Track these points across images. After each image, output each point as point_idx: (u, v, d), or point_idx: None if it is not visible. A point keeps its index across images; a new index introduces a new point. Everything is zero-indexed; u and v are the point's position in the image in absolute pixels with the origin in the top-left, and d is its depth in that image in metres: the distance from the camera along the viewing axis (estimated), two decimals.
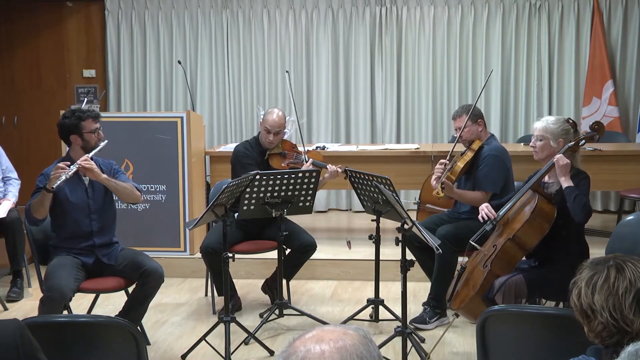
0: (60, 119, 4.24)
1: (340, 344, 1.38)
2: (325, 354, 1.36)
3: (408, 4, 7.57)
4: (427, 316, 4.62)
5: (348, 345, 1.38)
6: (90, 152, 4.18)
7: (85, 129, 4.17)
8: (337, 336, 1.39)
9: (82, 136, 4.18)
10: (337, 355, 1.36)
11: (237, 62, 7.77)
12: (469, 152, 4.66)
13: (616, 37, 7.34)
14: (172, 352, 4.39)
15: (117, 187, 4.21)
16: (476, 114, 4.70)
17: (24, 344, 2.30)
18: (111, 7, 7.89)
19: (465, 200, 4.65)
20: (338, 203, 7.85)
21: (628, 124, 7.35)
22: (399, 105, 7.66)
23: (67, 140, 4.23)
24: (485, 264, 3.92)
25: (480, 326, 2.79)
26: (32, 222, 4.14)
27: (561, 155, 3.84)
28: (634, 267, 1.93)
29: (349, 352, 1.37)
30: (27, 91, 8.15)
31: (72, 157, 4.22)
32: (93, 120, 4.20)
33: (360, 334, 1.42)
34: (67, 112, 4.24)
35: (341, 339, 1.39)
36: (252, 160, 4.93)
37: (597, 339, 1.94)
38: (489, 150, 4.66)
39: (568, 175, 3.82)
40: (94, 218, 4.22)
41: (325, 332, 1.41)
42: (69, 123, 4.17)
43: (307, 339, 1.40)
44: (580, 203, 3.74)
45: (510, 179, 4.71)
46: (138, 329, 3.16)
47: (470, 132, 4.69)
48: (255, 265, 5.68)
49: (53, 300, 3.85)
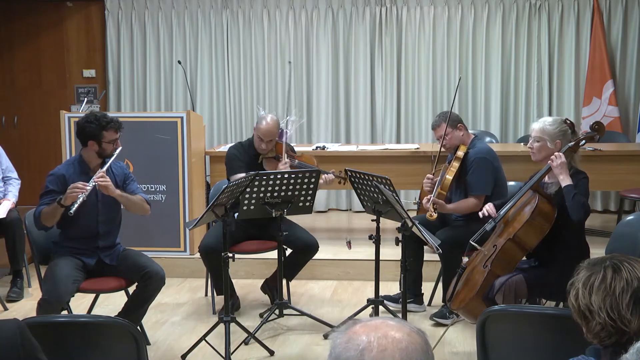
0: (83, 121, 4.15)
1: (404, 345, 1.36)
2: (386, 351, 1.35)
3: (408, 4, 7.57)
4: (447, 311, 4.66)
5: (410, 348, 1.36)
6: (105, 159, 4.16)
7: (106, 139, 4.13)
8: (401, 336, 1.38)
9: (101, 144, 4.13)
10: (398, 355, 1.35)
11: (237, 62, 7.77)
12: (455, 162, 4.67)
13: (616, 37, 7.34)
14: (172, 352, 4.39)
15: (128, 203, 4.20)
16: (454, 119, 4.72)
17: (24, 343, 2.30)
18: (111, 7, 7.89)
19: (461, 211, 4.68)
20: (338, 203, 7.85)
21: (628, 124, 7.35)
22: (399, 105, 7.66)
23: (84, 142, 4.17)
24: (485, 264, 3.92)
25: (480, 326, 2.79)
26: (41, 229, 4.11)
27: (555, 154, 3.84)
28: (631, 267, 1.93)
29: (410, 356, 1.35)
30: (27, 91, 8.15)
31: (84, 158, 4.19)
32: (115, 131, 4.16)
33: (423, 338, 1.41)
34: (91, 117, 4.14)
35: (405, 339, 1.37)
36: (242, 163, 4.95)
37: (595, 340, 1.94)
38: (475, 154, 4.67)
39: (567, 173, 3.82)
40: (101, 221, 4.20)
41: (391, 329, 1.39)
42: (91, 129, 4.11)
43: (370, 329, 1.39)
44: (579, 202, 3.75)
45: (500, 178, 4.72)
46: (138, 329, 3.15)
47: (453, 139, 4.70)
48: (255, 265, 5.68)
49: (50, 303, 3.85)
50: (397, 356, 1.34)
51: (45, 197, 4.08)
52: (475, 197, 4.62)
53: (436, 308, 4.89)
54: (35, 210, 4.08)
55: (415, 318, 4.78)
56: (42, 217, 4.02)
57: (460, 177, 4.68)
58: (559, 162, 3.81)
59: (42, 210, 4.02)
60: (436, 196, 4.56)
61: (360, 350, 1.35)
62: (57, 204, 3.96)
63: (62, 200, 3.95)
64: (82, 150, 4.22)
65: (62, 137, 5.86)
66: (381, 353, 1.34)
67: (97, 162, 4.20)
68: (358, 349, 1.36)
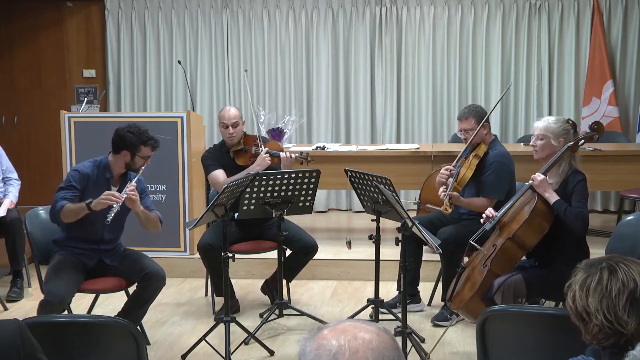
0: (124, 130, 4.11)
1: (374, 345, 1.36)
2: (359, 353, 1.35)
3: (408, 4, 7.57)
4: (448, 313, 4.65)
5: (381, 348, 1.36)
6: (132, 172, 4.14)
7: (141, 153, 4.12)
8: (371, 336, 1.38)
9: (134, 157, 4.12)
10: (371, 356, 1.35)
11: (237, 62, 7.77)
12: (474, 159, 4.64)
13: (616, 37, 7.34)
14: (172, 352, 4.39)
15: (146, 219, 4.18)
16: (482, 116, 4.67)
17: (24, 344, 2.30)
18: (111, 7, 7.89)
19: (472, 208, 4.63)
20: (338, 203, 7.85)
21: (628, 124, 7.35)
22: (399, 105, 7.66)
23: (117, 149, 4.13)
24: (485, 264, 3.93)
25: (480, 326, 2.79)
26: (55, 222, 4.08)
27: (532, 177, 3.87)
28: (627, 268, 1.93)
29: (382, 355, 1.35)
30: (27, 91, 8.16)
31: (111, 164, 4.17)
32: (152, 149, 4.15)
33: (391, 336, 1.41)
34: (134, 129, 4.11)
35: (375, 339, 1.37)
36: (213, 161, 5.03)
37: (594, 341, 1.94)
38: (495, 157, 4.64)
39: (550, 189, 3.85)
40: (108, 229, 4.17)
41: (359, 330, 1.39)
42: (131, 140, 4.08)
43: (339, 333, 1.39)
44: (572, 214, 3.76)
45: (513, 184, 4.71)
46: (138, 329, 3.16)
47: (477, 136, 4.66)
48: (255, 265, 5.68)
49: (52, 304, 3.84)
50: (370, 356, 1.34)
51: (65, 190, 4.04)
52: (488, 199, 4.60)
53: (436, 308, 4.89)
54: (55, 203, 4.01)
55: (415, 318, 4.78)
56: (63, 213, 3.96)
57: (474, 175, 4.66)
58: (539, 182, 3.85)
59: (65, 206, 3.97)
60: (451, 190, 4.54)
61: (333, 355, 1.35)
62: (86, 206, 3.93)
63: (92, 204, 3.92)
64: (111, 155, 4.18)
65: (62, 137, 5.86)
66: (354, 355, 1.34)
67: (121, 171, 4.19)
68: (330, 355, 1.35)
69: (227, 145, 5.08)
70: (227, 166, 5.00)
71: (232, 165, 5.01)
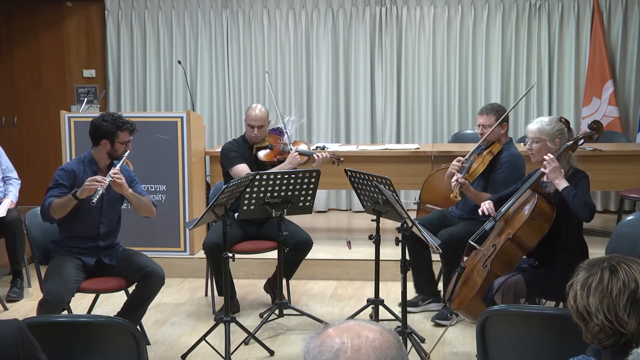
0: (98, 120, 4.17)
1: (377, 343, 1.37)
2: (361, 350, 1.35)
3: (408, 4, 7.57)
4: (448, 312, 4.66)
5: (384, 347, 1.37)
6: (115, 160, 4.17)
7: (119, 139, 4.15)
8: (374, 335, 1.38)
9: (114, 144, 4.15)
10: (373, 354, 1.35)
11: (237, 62, 7.77)
12: (488, 155, 4.67)
13: (616, 37, 7.34)
14: (172, 352, 4.39)
15: (138, 203, 4.20)
16: (502, 115, 4.71)
17: (24, 344, 2.30)
18: (111, 7, 7.89)
19: (479, 201, 4.63)
20: (338, 203, 7.84)
21: (628, 124, 7.35)
22: (399, 105, 7.66)
23: (96, 141, 4.18)
24: (485, 264, 3.92)
25: (480, 326, 2.79)
26: (47, 220, 4.11)
27: (546, 160, 3.82)
28: (628, 268, 1.93)
29: (385, 354, 1.36)
30: (27, 91, 8.15)
31: (95, 157, 4.20)
32: (129, 133, 4.19)
33: (395, 336, 1.41)
34: (108, 116, 4.17)
35: (378, 338, 1.38)
36: (238, 154, 5.04)
37: (594, 341, 1.94)
38: (509, 156, 4.68)
39: (561, 175, 3.80)
40: (103, 222, 4.21)
41: (363, 329, 1.39)
42: (107, 128, 4.12)
43: (342, 331, 1.39)
44: (580, 201, 3.73)
45: None
46: (138, 329, 3.16)
47: (493, 134, 4.70)
48: (255, 265, 5.68)
49: (51, 304, 3.85)
50: (372, 355, 1.35)
51: (53, 190, 4.07)
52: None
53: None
54: (43, 202, 4.05)
55: (415, 318, 4.78)
56: (52, 208, 4.01)
57: (485, 171, 4.67)
58: (552, 167, 3.80)
59: (53, 202, 4.01)
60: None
61: (335, 352, 1.35)
62: (72, 196, 3.97)
63: (77, 193, 3.96)
64: (93, 149, 4.22)
65: (62, 137, 5.86)
66: (356, 353, 1.35)
67: (107, 162, 4.22)
68: (332, 351, 1.36)
69: (250, 142, 5.11)
70: (246, 160, 5.04)
71: (252, 161, 5.05)
